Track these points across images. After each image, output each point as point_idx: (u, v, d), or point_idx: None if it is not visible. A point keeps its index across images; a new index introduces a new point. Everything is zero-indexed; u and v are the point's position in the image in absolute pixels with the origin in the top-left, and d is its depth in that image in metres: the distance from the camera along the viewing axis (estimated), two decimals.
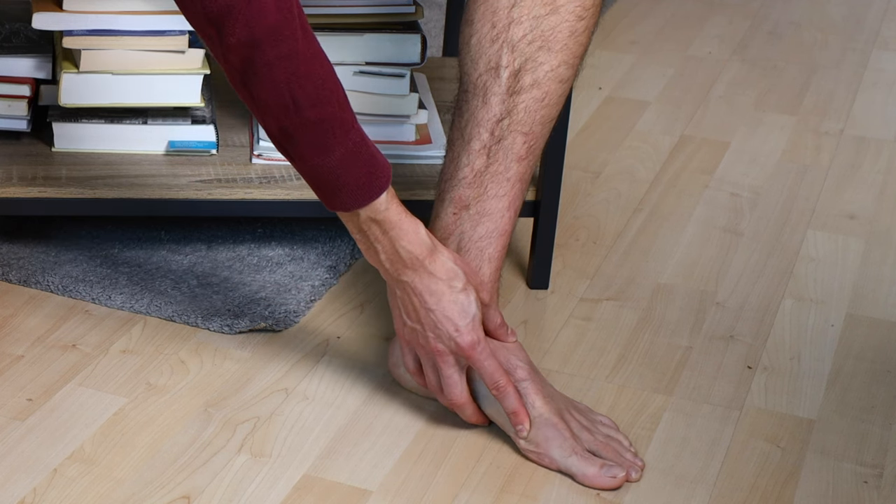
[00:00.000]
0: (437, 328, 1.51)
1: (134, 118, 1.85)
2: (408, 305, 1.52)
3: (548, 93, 1.59)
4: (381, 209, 1.46)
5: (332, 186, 1.44)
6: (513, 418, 1.53)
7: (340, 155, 1.42)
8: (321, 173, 1.43)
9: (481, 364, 1.52)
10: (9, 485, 1.45)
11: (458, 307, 1.51)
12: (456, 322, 1.51)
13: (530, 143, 1.60)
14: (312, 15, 1.83)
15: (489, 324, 1.57)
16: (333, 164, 1.42)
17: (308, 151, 1.42)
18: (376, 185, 1.45)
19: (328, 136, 1.41)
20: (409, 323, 1.54)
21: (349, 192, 1.44)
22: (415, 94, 1.88)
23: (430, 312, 1.51)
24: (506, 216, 1.61)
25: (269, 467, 1.52)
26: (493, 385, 1.53)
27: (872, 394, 1.72)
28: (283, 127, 1.41)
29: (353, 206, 1.45)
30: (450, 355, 1.53)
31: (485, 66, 1.59)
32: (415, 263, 1.50)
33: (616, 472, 1.51)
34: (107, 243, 1.88)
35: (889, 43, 2.82)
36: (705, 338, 1.81)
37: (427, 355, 1.55)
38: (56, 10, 1.76)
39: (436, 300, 1.51)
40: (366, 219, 1.47)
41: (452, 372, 1.54)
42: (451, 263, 1.51)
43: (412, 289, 1.51)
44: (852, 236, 2.08)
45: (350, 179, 1.44)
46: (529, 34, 1.57)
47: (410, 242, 1.49)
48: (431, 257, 1.50)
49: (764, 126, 2.42)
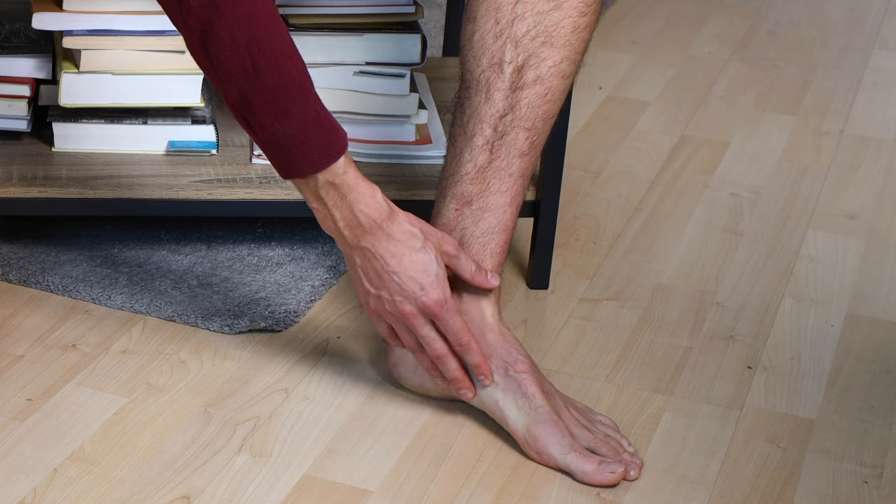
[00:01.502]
0: (403, 290, 1.52)
1: (134, 118, 1.85)
2: (369, 272, 1.53)
3: (550, 88, 1.59)
4: (340, 172, 1.47)
5: (291, 152, 1.45)
6: (475, 370, 1.56)
7: (300, 120, 1.43)
8: (280, 139, 1.44)
9: (447, 322, 1.53)
10: (9, 485, 1.45)
11: (420, 266, 1.51)
12: (420, 281, 1.51)
13: (532, 138, 1.60)
14: (313, 15, 1.83)
15: (464, 273, 1.57)
16: (293, 130, 1.44)
17: (267, 117, 1.43)
18: (334, 149, 1.46)
19: (287, 100, 1.42)
20: (372, 291, 1.54)
21: (308, 158, 1.45)
22: (415, 94, 1.88)
23: (394, 275, 1.51)
24: (508, 212, 1.61)
25: (269, 467, 1.52)
26: (457, 342, 1.54)
27: (872, 394, 1.72)
28: (242, 93, 1.42)
29: (311, 171, 1.46)
30: (419, 315, 1.53)
31: (488, 62, 1.59)
32: (373, 227, 1.50)
33: (615, 468, 1.52)
34: (107, 243, 1.88)
35: (889, 43, 2.82)
36: (705, 338, 1.81)
37: (397, 320, 1.55)
38: (56, 10, 1.76)
39: (397, 262, 1.51)
40: (324, 183, 1.47)
41: (427, 331, 1.54)
42: (409, 225, 1.52)
43: (372, 253, 1.51)
44: (852, 236, 2.08)
45: (309, 144, 1.45)
46: (533, 30, 1.57)
47: (368, 206, 1.49)
48: (389, 220, 1.51)
49: (764, 126, 2.42)
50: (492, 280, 1.58)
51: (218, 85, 1.44)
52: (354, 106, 1.85)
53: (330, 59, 1.84)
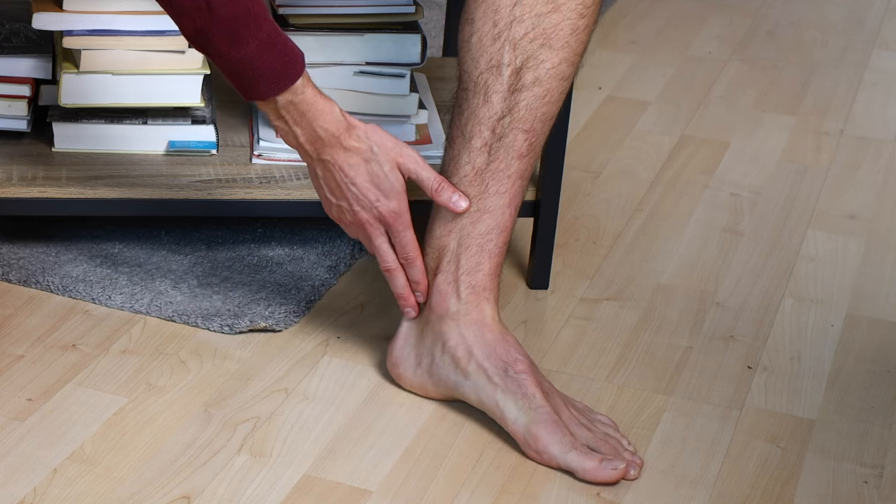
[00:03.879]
0: (359, 199, 1.59)
1: (134, 118, 1.85)
2: (331, 182, 1.59)
3: (549, 90, 1.59)
4: (298, 92, 1.53)
5: (249, 77, 1.50)
6: (414, 285, 1.63)
7: (255, 46, 1.48)
8: (238, 66, 1.49)
9: (399, 233, 1.60)
10: (9, 485, 1.45)
11: (377, 178, 1.58)
12: (376, 192, 1.58)
13: (531, 140, 1.60)
14: (313, 15, 1.83)
15: (426, 187, 1.61)
16: (249, 56, 1.48)
17: (224, 46, 1.47)
18: (292, 72, 1.51)
19: (241, 29, 1.47)
20: (334, 201, 1.61)
21: (266, 81, 1.50)
22: (415, 94, 1.88)
23: (351, 185, 1.58)
24: (506, 213, 1.61)
25: (269, 467, 1.52)
26: (404, 256, 1.62)
27: (872, 394, 1.72)
28: (197, 28, 1.46)
29: (271, 94, 1.52)
30: (376, 225, 1.60)
31: (486, 64, 1.59)
32: (332, 141, 1.56)
33: (616, 465, 1.52)
34: (107, 243, 1.88)
35: (889, 43, 2.82)
36: (705, 338, 1.81)
37: (356, 228, 1.62)
38: (56, 10, 1.76)
39: (355, 173, 1.58)
40: (284, 103, 1.53)
41: (381, 242, 1.62)
42: (366, 137, 1.58)
43: (332, 165, 1.58)
44: (852, 236, 2.08)
45: (266, 69, 1.50)
46: (531, 32, 1.57)
47: (327, 122, 1.55)
48: (347, 133, 1.56)
49: (764, 126, 2.42)
50: (457, 201, 1.61)
51: (175, 20, 1.48)
52: (354, 106, 1.85)
53: (330, 59, 1.84)
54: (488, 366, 1.58)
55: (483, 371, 1.58)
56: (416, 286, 1.63)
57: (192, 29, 1.47)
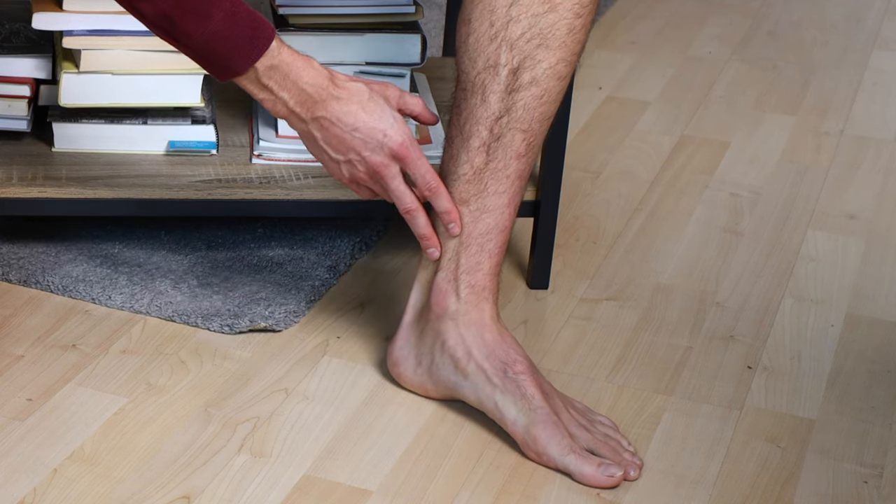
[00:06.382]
0: (367, 142, 1.55)
1: (134, 118, 1.85)
2: (332, 139, 1.56)
3: (546, 90, 1.59)
4: (276, 54, 1.50)
5: (223, 52, 1.48)
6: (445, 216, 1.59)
7: (221, 17, 1.46)
8: (209, 42, 1.47)
9: (415, 163, 1.57)
10: (9, 485, 1.45)
11: (376, 115, 1.55)
12: (380, 128, 1.55)
13: (529, 140, 1.60)
14: (313, 15, 1.83)
15: (412, 107, 1.60)
16: (218, 28, 1.46)
17: (190, 25, 1.45)
18: (264, 36, 1.49)
19: (203, 2, 1.45)
20: (341, 158, 1.57)
21: (241, 52, 1.48)
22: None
23: (355, 132, 1.55)
24: (506, 212, 1.61)
25: (269, 467, 1.52)
26: (426, 186, 1.58)
27: (872, 394, 1.72)
28: (161, 11, 1.44)
29: (248, 64, 1.49)
30: (390, 164, 1.56)
31: (483, 65, 1.59)
32: (322, 94, 1.53)
33: (614, 472, 1.52)
34: (107, 243, 1.88)
35: (889, 43, 2.82)
36: (705, 338, 1.81)
37: (370, 178, 1.58)
38: (56, 10, 1.76)
39: (354, 118, 1.54)
40: (264, 70, 1.50)
41: (398, 183, 1.58)
42: (350, 82, 1.55)
43: (330, 120, 1.54)
44: (852, 236, 2.08)
45: (238, 38, 1.47)
46: (528, 32, 1.57)
47: (311, 76, 1.53)
48: (333, 84, 1.54)
49: (764, 126, 2.42)
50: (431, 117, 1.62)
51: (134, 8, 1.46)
52: None
53: (330, 59, 1.84)
54: (487, 366, 1.58)
55: (482, 372, 1.58)
56: (446, 217, 1.60)
57: (155, 14, 1.45)
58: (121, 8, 1.76)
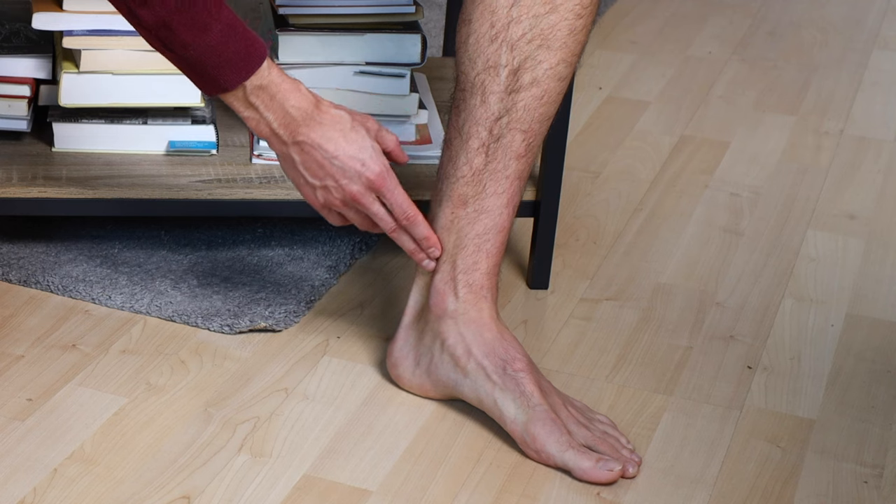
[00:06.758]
0: (345, 171, 1.55)
1: (134, 118, 1.85)
2: (311, 164, 1.56)
3: (547, 91, 1.59)
4: (265, 74, 1.51)
5: (215, 66, 1.48)
6: (424, 242, 1.60)
7: (218, 31, 1.46)
8: (203, 55, 1.47)
9: (392, 195, 1.57)
10: (9, 485, 1.45)
11: (356, 145, 1.55)
12: (359, 158, 1.55)
13: (529, 140, 1.60)
14: (313, 15, 1.83)
15: (388, 143, 1.60)
16: (214, 42, 1.46)
17: (187, 35, 1.45)
18: (256, 55, 1.50)
19: (203, 14, 1.45)
20: (318, 183, 1.57)
21: (233, 68, 1.49)
22: (415, 94, 1.88)
23: (334, 160, 1.55)
24: (504, 213, 1.61)
25: (269, 467, 1.52)
26: (403, 216, 1.58)
27: (872, 394, 1.72)
28: (160, 19, 1.44)
29: (239, 81, 1.50)
30: (366, 192, 1.57)
31: (483, 65, 1.59)
32: (305, 118, 1.54)
33: (612, 466, 1.52)
34: (107, 243, 1.88)
35: (889, 43, 2.82)
36: (705, 338, 1.81)
37: (347, 205, 1.58)
38: (56, 10, 1.76)
39: (334, 146, 1.55)
40: (252, 89, 1.51)
41: (377, 208, 1.58)
42: (334, 109, 1.56)
43: (310, 145, 1.55)
44: (852, 236, 2.08)
45: (231, 54, 1.48)
46: (529, 33, 1.57)
47: (297, 100, 1.53)
48: (318, 109, 1.55)
49: (764, 126, 2.42)
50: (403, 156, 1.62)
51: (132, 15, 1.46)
52: (354, 106, 1.85)
53: (330, 59, 1.84)
54: (487, 364, 1.58)
55: (482, 369, 1.58)
56: (426, 243, 1.61)
57: (154, 22, 1.45)
58: None
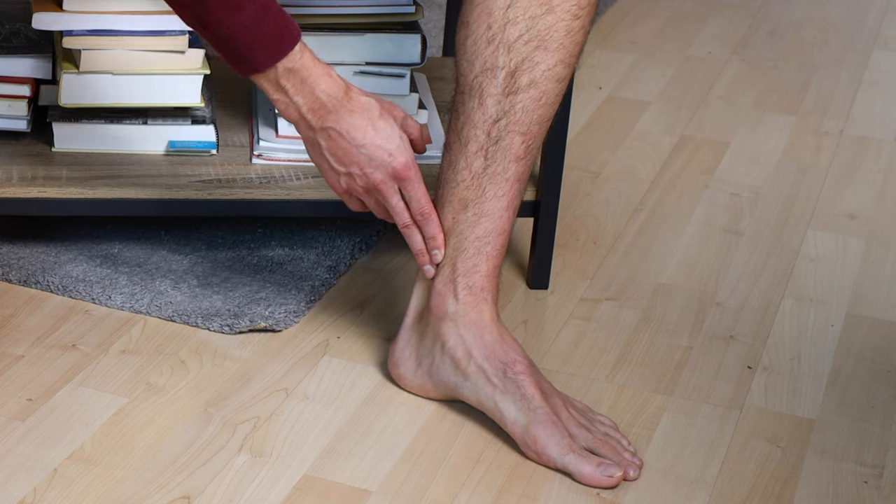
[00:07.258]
0: (372, 159, 1.56)
1: (134, 118, 1.85)
2: (337, 151, 1.56)
3: (545, 92, 1.59)
4: (297, 58, 1.51)
5: (249, 46, 1.48)
6: (430, 241, 1.61)
7: (253, 11, 1.46)
8: (237, 34, 1.47)
9: (414, 187, 1.58)
10: (9, 485, 1.45)
11: (385, 134, 1.56)
12: (387, 148, 1.56)
13: (528, 142, 1.60)
14: (313, 15, 1.83)
15: (412, 131, 1.61)
16: (248, 21, 1.46)
17: (222, 13, 1.46)
18: (290, 36, 1.50)
19: None
20: (342, 170, 1.58)
21: (266, 48, 1.49)
22: (415, 94, 1.88)
23: (361, 148, 1.55)
24: (504, 216, 1.61)
25: (269, 467, 1.52)
26: (420, 212, 1.59)
27: (872, 394, 1.72)
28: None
29: (272, 62, 1.50)
30: (390, 183, 1.57)
31: (481, 67, 1.59)
32: (335, 105, 1.54)
33: (613, 472, 1.52)
34: (107, 243, 1.88)
35: (889, 43, 2.82)
36: (705, 338, 1.81)
37: (369, 193, 1.59)
38: (56, 10, 1.76)
39: (362, 134, 1.55)
40: (284, 71, 1.51)
41: (397, 200, 1.59)
42: (364, 97, 1.56)
43: (338, 132, 1.55)
44: (852, 236, 2.08)
45: (264, 35, 1.48)
46: (526, 34, 1.57)
47: (328, 85, 1.54)
48: (348, 95, 1.55)
49: (764, 126, 2.42)
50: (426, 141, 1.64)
51: None
52: None
53: (330, 59, 1.84)
54: (487, 367, 1.58)
55: (482, 372, 1.58)
56: (432, 242, 1.61)
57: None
58: (121, 8, 1.77)
